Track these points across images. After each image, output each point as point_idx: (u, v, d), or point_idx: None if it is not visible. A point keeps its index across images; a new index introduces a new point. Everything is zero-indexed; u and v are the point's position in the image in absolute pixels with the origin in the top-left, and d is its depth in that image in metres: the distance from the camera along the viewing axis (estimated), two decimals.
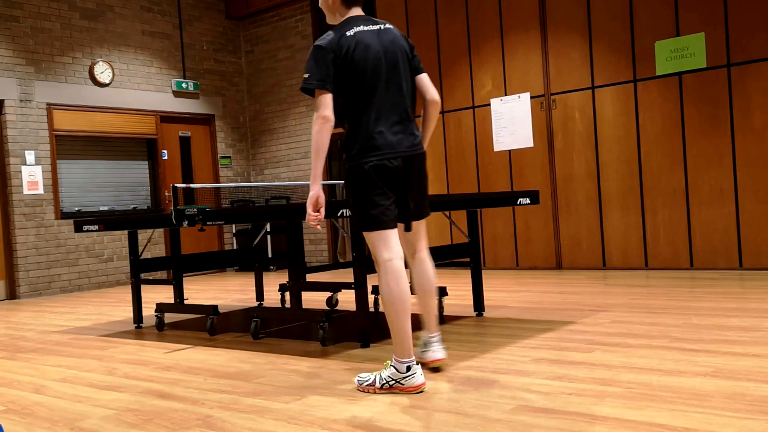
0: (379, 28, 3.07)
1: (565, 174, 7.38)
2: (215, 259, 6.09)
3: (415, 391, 2.90)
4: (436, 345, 3.26)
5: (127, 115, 9.30)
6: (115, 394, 3.23)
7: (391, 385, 2.92)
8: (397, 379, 2.91)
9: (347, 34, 3.00)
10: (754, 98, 6.27)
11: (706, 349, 3.32)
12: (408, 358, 2.92)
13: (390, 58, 3.04)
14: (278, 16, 10.31)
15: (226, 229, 10.42)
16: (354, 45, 2.97)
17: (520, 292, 5.84)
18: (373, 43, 3.01)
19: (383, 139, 2.98)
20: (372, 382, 2.97)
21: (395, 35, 3.11)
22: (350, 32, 3.00)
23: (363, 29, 3.03)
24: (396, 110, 3.03)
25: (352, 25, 3.03)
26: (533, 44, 7.51)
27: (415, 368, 2.92)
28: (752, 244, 6.33)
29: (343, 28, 3.03)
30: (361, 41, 2.99)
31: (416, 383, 2.90)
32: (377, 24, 3.09)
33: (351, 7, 3.11)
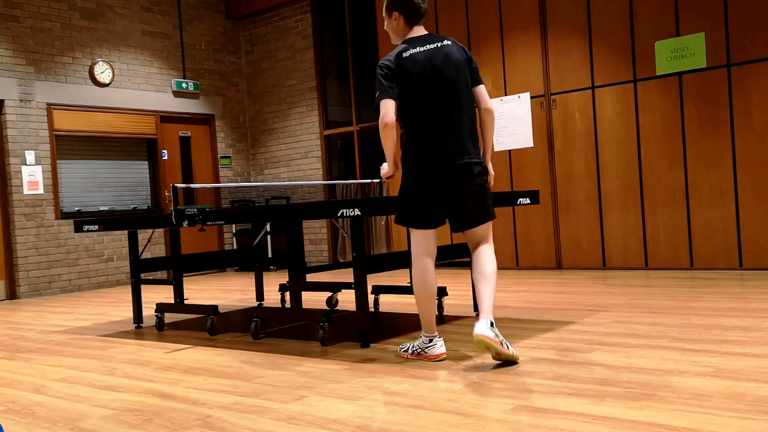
0: (436, 46, 3.41)
1: (565, 174, 7.38)
2: (215, 259, 6.09)
3: (436, 359, 3.43)
4: (482, 322, 3.23)
5: (127, 115, 9.31)
6: (115, 394, 3.23)
7: (419, 352, 3.50)
8: (423, 348, 3.48)
9: (403, 55, 3.39)
10: (754, 98, 6.27)
11: (706, 349, 3.32)
12: (431, 333, 3.47)
13: (443, 73, 3.36)
14: (278, 16, 10.31)
15: (226, 229, 10.42)
16: (408, 62, 3.36)
17: (520, 292, 5.84)
18: (426, 60, 3.36)
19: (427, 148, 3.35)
20: (406, 349, 3.56)
21: (450, 51, 3.42)
22: (406, 53, 3.40)
23: (419, 49, 3.40)
24: (445, 122, 3.37)
25: (410, 45, 3.42)
26: (533, 44, 7.51)
27: (436, 341, 3.47)
28: (752, 244, 6.33)
29: (402, 47, 3.44)
30: (415, 58, 3.37)
31: (436, 352, 3.44)
32: (435, 42, 3.44)
33: (413, 27, 3.50)
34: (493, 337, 3.19)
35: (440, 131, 3.36)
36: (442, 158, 3.35)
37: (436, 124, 3.36)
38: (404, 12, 3.47)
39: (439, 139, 3.36)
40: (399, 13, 3.48)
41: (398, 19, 3.50)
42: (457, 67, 3.40)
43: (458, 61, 3.41)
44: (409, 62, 3.36)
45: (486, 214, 3.48)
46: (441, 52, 3.40)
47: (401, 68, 3.36)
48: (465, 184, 3.39)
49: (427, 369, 3.29)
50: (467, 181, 3.39)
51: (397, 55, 3.40)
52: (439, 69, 3.37)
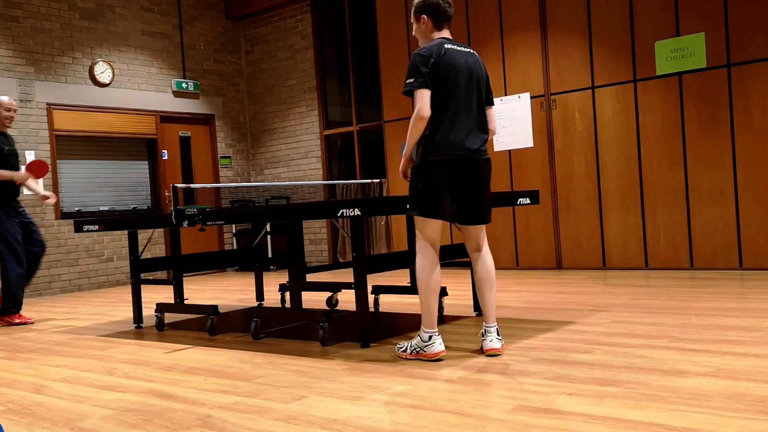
0: (469, 50, 3.58)
1: (565, 174, 7.38)
2: (215, 259, 6.08)
3: (434, 358, 3.42)
4: (492, 335, 3.52)
5: (127, 115, 9.31)
6: (115, 394, 3.23)
7: (417, 351, 3.48)
8: (421, 346, 3.46)
9: (446, 46, 3.47)
10: (754, 98, 6.27)
11: (706, 349, 3.32)
12: (431, 329, 3.46)
13: (472, 74, 3.50)
14: (278, 16, 10.31)
15: (226, 229, 10.42)
16: (445, 53, 3.43)
17: (520, 292, 5.84)
18: (461, 59, 3.48)
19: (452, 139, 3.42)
20: (404, 349, 3.56)
21: (478, 61, 3.60)
22: (447, 46, 3.48)
23: (456, 48, 3.51)
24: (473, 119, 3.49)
25: (445, 42, 3.49)
26: (533, 44, 7.51)
27: (435, 338, 3.44)
28: (752, 244, 6.33)
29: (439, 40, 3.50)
30: (451, 53, 3.46)
31: (435, 351, 3.42)
32: (466, 47, 3.60)
33: (441, 29, 3.58)
34: (501, 346, 3.52)
35: (468, 127, 3.47)
36: (467, 152, 3.45)
37: (465, 119, 3.46)
38: (432, 16, 3.55)
39: (466, 134, 3.46)
40: (428, 17, 3.56)
41: (427, 23, 3.57)
42: (482, 73, 3.61)
43: (483, 69, 3.63)
44: (449, 56, 3.43)
45: (490, 212, 3.66)
46: (473, 57, 3.57)
47: (443, 60, 3.41)
48: (484, 180, 3.55)
49: (427, 369, 3.29)
50: (485, 177, 3.56)
51: (438, 46, 3.45)
52: (473, 70, 3.51)
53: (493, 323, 3.57)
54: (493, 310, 3.61)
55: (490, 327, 3.55)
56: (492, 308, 3.60)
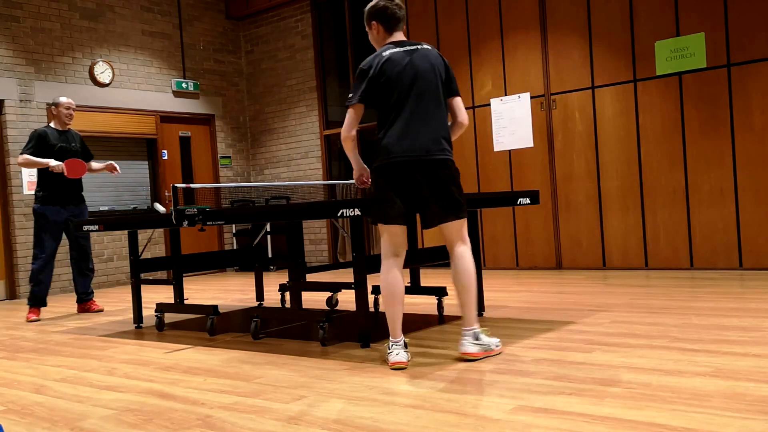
0: (415, 48, 3.48)
1: (565, 174, 7.38)
2: (215, 259, 6.08)
3: (392, 367, 3.35)
4: (466, 339, 3.45)
5: (127, 115, 9.30)
6: (115, 394, 3.23)
7: (386, 359, 3.45)
8: (387, 354, 3.42)
9: (383, 54, 3.45)
10: (754, 98, 6.27)
11: (706, 349, 3.32)
12: (394, 338, 3.43)
13: (418, 73, 3.41)
14: (278, 16, 10.31)
15: (226, 229, 10.42)
16: (385, 61, 3.41)
17: (520, 292, 5.84)
18: (403, 61, 3.41)
19: (394, 143, 3.38)
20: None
21: (428, 53, 3.49)
22: (385, 53, 3.46)
23: (398, 49, 3.46)
24: (416, 119, 3.39)
25: (388, 48, 3.48)
26: (533, 44, 7.51)
27: (396, 348, 3.40)
28: (752, 244, 6.33)
29: (381, 48, 3.51)
30: (392, 59, 3.42)
31: (393, 360, 3.36)
32: (415, 45, 3.51)
33: (393, 33, 3.56)
34: (477, 351, 3.41)
35: (415, 128, 3.38)
36: (411, 154, 3.35)
37: (411, 121, 3.38)
38: (381, 21, 3.53)
39: (412, 136, 3.37)
40: (377, 23, 3.54)
41: (377, 28, 3.55)
42: (435, 66, 3.47)
43: (436, 62, 3.49)
44: (389, 63, 3.41)
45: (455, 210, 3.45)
46: (419, 53, 3.46)
47: (381, 69, 3.40)
48: (436, 179, 3.39)
49: (426, 369, 3.29)
50: (440, 176, 3.40)
51: (377, 56, 3.46)
52: (419, 68, 3.42)
53: (470, 327, 3.44)
54: (470, 313, 3.46)
55: (467, 330, 3.45)
56: (467, 311, 3.46)
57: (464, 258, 3.47)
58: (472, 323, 3.46)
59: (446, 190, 3.42)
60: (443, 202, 3.43)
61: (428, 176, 3.38)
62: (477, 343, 3.43)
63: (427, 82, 3.42)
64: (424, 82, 3.41)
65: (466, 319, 3.47)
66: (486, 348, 3.45)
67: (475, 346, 3.42)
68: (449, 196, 3.43)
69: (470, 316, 3.47)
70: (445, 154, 3.43)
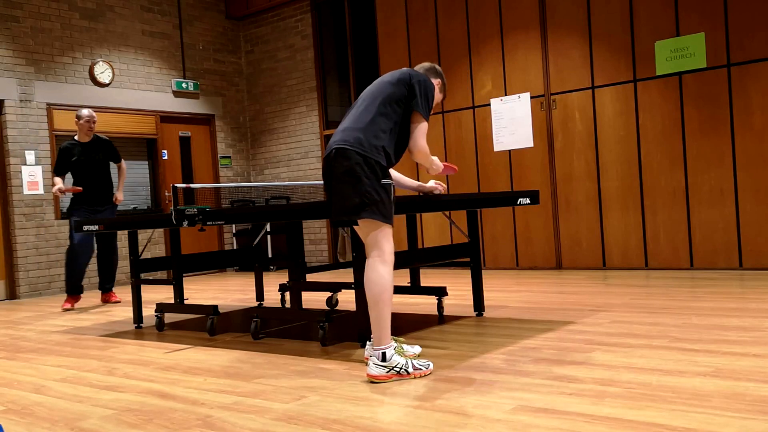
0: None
1: (565, 174, 7.38)
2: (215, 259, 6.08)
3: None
4: (370, 360, 3.14)
5: (127, 115, 9.30)
6: (115, 394, 3.23)
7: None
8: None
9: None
10: (754, 98, 6.27)
11: (706, 349, 3.32)
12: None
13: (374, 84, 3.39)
14: (278, 16, 10.31)
15: (226, 229, 10.42)
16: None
17: (520, 292, 5.84)
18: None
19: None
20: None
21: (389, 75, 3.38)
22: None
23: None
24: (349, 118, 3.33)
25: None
26: (533, 44, 7.51)
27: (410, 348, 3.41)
28: (752, 244, 6.33)
29: None
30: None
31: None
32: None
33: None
34: (380, 373, 3.08)
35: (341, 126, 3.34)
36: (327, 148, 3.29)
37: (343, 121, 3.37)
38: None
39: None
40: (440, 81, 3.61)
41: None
42: (384, 82, 3.35)
43: (385, 81, 3.36)
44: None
45: (343, 211, 3.16)
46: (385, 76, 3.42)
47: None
48: (331, 173, 3.23)
49: None
50: (333, 170, 3.21)
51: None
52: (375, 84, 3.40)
53: (376, 346, 3.09)
54: (373, 332, 3.13)
55: (372, 349, 3.14)
56: (372, 326, 3.13)
57: (366, 270, 3.15)
58: (376, 342, 3.11)
59: (337, 187, 3.19)
60: (335, 198, 3.20)
61: (325, 171, 3.28)
62: (382, 365, 3.06)
63: (369, 93, 3.34)
64: (374, 88, 3.35)
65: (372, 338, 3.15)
66: (396, 369, 3.06)
67: (380, 368, 3.06)
68: (339, 191, 3.17)
69: (374, 335, 3.12)
70: (345, 144, 3.18)
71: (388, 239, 3.17)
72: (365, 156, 3.14)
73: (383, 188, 3.16)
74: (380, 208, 3.13)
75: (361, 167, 3.12)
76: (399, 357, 3.11)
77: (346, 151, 3.15)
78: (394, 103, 3.27)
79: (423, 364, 3.16)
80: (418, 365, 3.14)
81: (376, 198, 3.12)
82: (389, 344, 3.11)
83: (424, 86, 3.31)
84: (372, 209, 3.11)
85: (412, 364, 3.12)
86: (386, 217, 3.15)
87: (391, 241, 3.20)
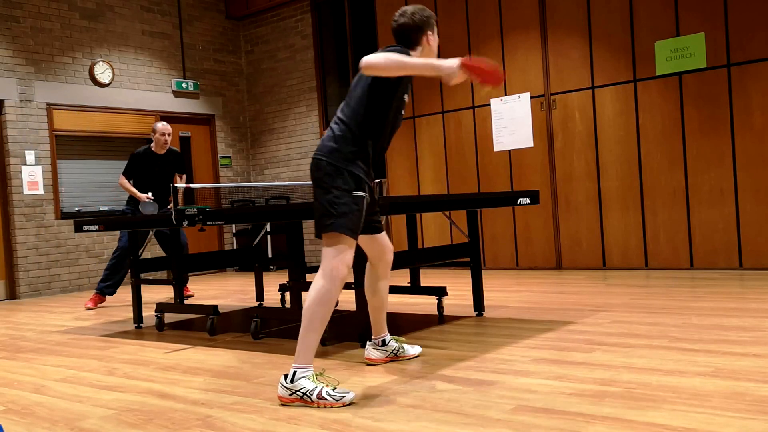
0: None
1: (565, 174, 7.38)
2: (215, 259, 6.08)
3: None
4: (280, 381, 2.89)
5: (127, 115, 9.30)
6: (115, 394, 3.23)
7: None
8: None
9: None
10: (754, 98, 6.27)
11: (706, 349, 3.32)
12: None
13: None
14: (278, 16, 10.31)
15: (226, 229, 10.42)
16: None
17: (520, 292, 5.84)
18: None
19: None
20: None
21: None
22: None
23: None
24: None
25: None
26: (533, 44, 7.51)
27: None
28: (752, 244, 6.33)
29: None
30: None
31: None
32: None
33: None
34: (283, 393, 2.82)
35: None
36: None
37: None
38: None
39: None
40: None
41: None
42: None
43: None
44: None
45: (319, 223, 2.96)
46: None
47: None
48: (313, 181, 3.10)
49: (426, 369, 3.29)
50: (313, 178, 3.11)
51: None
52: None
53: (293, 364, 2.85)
54: (299, 346, 2.85)
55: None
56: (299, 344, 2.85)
57: (313, 284, 2.89)
58: (295, 359, 2.85)
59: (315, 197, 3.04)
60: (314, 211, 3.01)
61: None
62: (285, 385, 2.80)
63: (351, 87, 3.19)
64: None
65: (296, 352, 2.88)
66: (299, 394, 2.78)
67: (284, 388, 2.81)
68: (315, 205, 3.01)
69: (296, 350, 2.86)
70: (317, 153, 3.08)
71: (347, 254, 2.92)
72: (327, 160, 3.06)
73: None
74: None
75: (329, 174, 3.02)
76: (308, 382, 2.78)
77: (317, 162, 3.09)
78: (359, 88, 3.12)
79: (336, 396, 2.76)
80: (328, 395, 2.75)
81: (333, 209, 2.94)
82: (305, 366, 2.81)
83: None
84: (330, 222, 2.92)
85: (319, 392, 2.75)
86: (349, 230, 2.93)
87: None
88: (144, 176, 6.80)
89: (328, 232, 2.91)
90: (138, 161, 6.78)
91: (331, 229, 2.90)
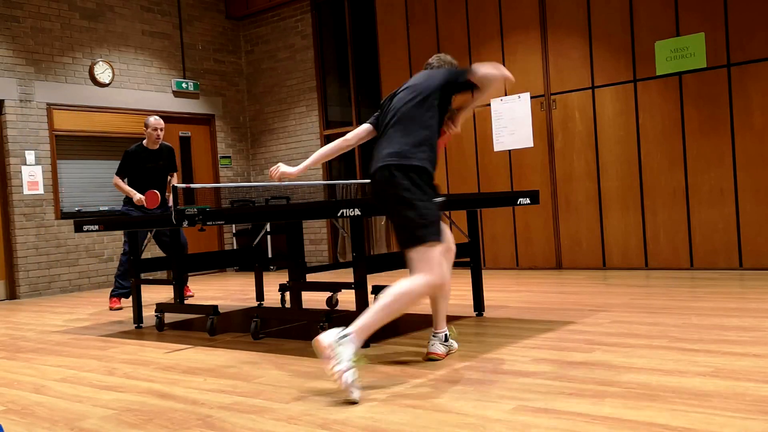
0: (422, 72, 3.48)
1: (565, 174, 7.38)
2: (215, 259, 6.08)
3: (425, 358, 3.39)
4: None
5: (127, 115, 9.30)
6: (115, 394, 3.23)
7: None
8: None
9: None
10: (754, 98, 6.27)
11: (706, 349, 3.32)
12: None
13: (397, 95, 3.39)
14: (278, 16, 10.31)
15: (226, 229, 10.42)
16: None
17: (520, 292, 5.84)
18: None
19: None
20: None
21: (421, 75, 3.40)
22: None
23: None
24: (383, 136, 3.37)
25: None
26: (533, 44, 7.51)
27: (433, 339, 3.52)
28: (752, 244, 6.33)
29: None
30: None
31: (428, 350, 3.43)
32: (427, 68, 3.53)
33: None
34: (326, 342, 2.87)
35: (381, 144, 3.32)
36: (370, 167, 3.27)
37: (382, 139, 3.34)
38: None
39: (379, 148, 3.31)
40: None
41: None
42: (415, 87, 3.32)
43: (415, 84, 3.34)
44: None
45: (404, 235, 3.10)
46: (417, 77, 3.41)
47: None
48: (380, 195, 3.23)
49: (427, 369, 3.29)
50: (380, 190, 3.20)
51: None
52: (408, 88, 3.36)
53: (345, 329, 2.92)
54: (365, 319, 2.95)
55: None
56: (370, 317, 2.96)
57: (398, 283, 3.01)
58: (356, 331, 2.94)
59: (390, 210, 3.18)
60: (395, 225, 3.16)
61: (374, 191, 3.25)
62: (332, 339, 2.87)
63: (398, 103, 3.32)
64: (395, 104, 3.33)
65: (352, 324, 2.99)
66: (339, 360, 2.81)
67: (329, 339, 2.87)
68: (395, 219, 3.14)
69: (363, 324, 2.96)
70: (389, 160, 3.15)
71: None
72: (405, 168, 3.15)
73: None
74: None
75: (406, 187, 3.12)
76: (349, 354, 2.81)
77: (385, 167, 3.19)
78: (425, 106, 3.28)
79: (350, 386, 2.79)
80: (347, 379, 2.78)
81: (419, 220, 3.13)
82: (358, 340, 2.89)
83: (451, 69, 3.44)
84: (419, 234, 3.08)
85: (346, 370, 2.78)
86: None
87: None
88: (138, 173, 6.69)
89: (426, 242, 3.04)
90: (131, 158, 6.68)
91: (426, 239, 3.05)
